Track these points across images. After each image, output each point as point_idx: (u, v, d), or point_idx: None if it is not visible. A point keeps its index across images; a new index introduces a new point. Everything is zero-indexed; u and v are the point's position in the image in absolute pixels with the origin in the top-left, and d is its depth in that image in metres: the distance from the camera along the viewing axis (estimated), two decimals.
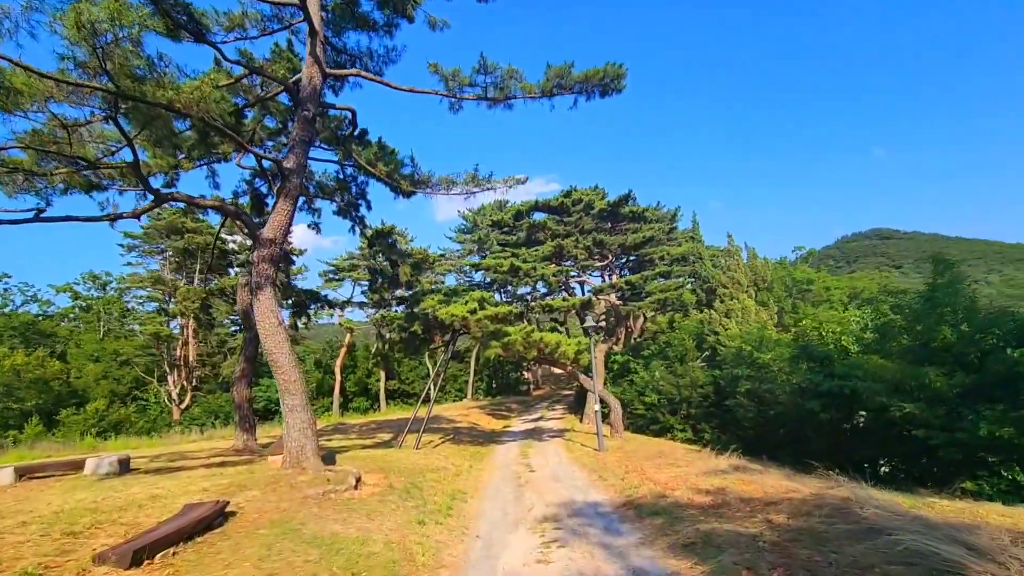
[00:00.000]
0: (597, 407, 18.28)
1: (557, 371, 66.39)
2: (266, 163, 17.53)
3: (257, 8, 13.58)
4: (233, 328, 42.29)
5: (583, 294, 32.72)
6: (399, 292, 30.43)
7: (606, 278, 29.84)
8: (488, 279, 28.97)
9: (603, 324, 30.18)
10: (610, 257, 29.39)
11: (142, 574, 6.09)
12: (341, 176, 18.32)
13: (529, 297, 46.36)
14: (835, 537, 6.46)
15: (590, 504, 10.36)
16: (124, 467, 13.21)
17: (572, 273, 30.63)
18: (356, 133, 15.20)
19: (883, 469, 16.24)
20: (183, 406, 35.97)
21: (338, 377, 42.42)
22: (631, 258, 33.48)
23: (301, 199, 19.29)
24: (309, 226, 20.03)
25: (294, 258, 38.07)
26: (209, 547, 6.96)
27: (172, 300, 34.33)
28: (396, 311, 25.75)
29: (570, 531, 8.70)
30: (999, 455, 11.04)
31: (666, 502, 9.41)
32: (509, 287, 34.30)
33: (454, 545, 8.32)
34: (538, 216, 30.77)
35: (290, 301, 22.47)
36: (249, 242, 23.43)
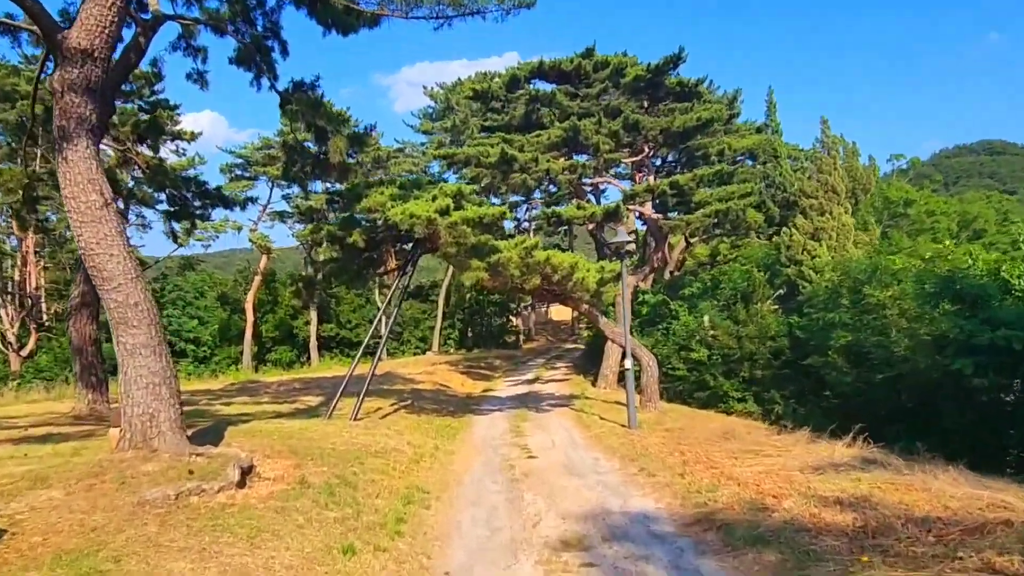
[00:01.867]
0: (629, 364, 16.44)
1: (557, 318, 65.46)
2: None
3: None
4: None
5: (599, 203, 30.43)
6: (332, 185, 27.76)
7: (638, 180, 27.33)
8: (467, 179, 26.35)
9: (632, 246, 28.07)
10: (646, 150, 26.82)
11: None
12: None
13: (525, 210, 43.99)
14: None
15: (636, 517, 8.52)
16: None
17: (587, 176, 28.11)
18: None
19: None
20: (25, 352, 33.58)
21: (250, 317, 41.24)
22: (672, 155, 31.05)
23: (175, 32, 16.17)
24: (189, 77, 16.91)
25: (184, 144, 34.96)
26: None
27: None
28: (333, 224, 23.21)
29: (612, 570, 6.62)
30: None
31: (773, 520, 7.44)
32: (498, 197, 31.73)
33: None
34: (542, 86, 27.88)
35: (163, 195, 19.73)
36: None
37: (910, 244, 33.41)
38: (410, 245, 17.99)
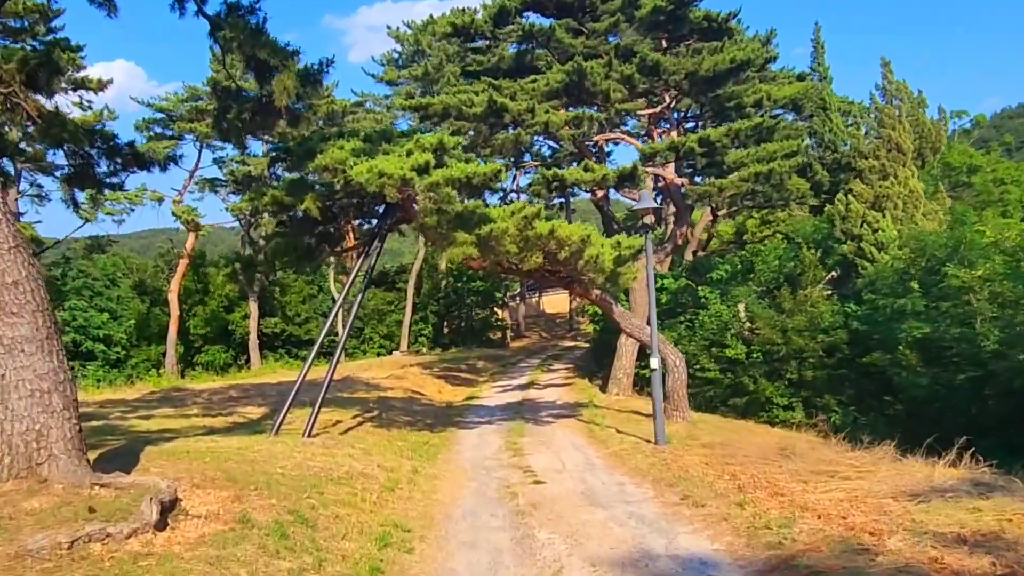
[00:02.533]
0: (655, 363, 16.02)
1: (551, 310, 65.07)
2: None
3: None
4: None
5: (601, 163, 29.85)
6: (275, 145, 26.62)
7: (656, 137, 26.70)
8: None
9: (650, 218, 27.53)
10: (666, 99, 26.20)
11: None
12: None
13: (513, 178, 43.19)
14: None
15: (690, 562, 7.95)
16: None
17: (592, 132, 27.48)
18: None
19: None
20: None
21: (175, 310, 40.77)
22: (695, 107, 30.47)
23: None
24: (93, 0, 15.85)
25: (90, 97, 34.06)
26: None
27: None
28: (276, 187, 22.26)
29: None
30: None
31: (880, 567, 6.88)
32: (480, 160, 31.08)
33: None
34: (537, 20, 27.30)
35: (62, 155, 18.67)
36: None
37: (975, 218, 33.31)
38: (377, 217, 17.45)
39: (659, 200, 30.07)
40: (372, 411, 20.30)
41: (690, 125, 31.34)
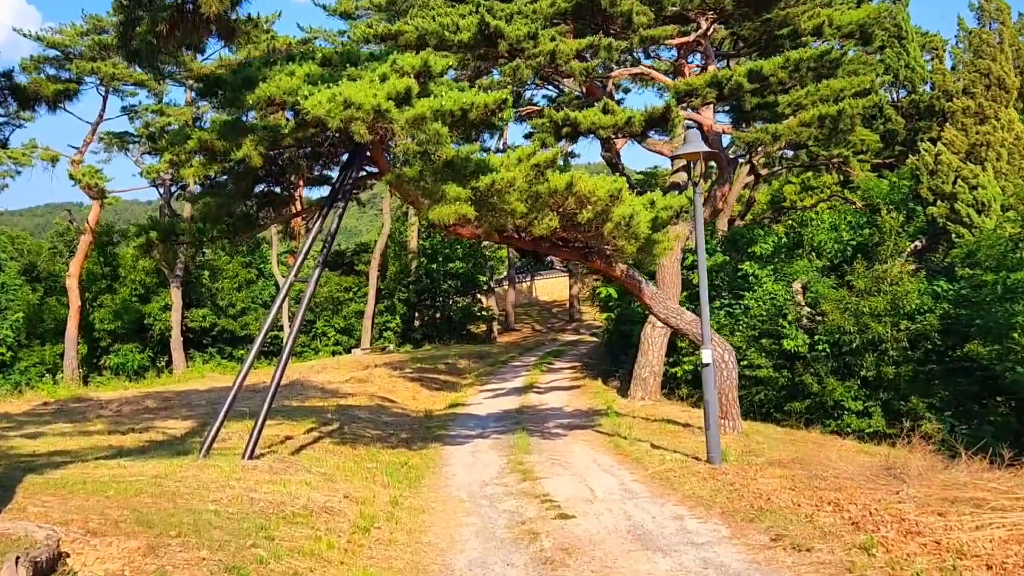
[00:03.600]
0: (708, 357, 15.11)
1: (546, 297, 64.61)
2: None
3: None
4: None
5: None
6: (200, 88, 25.25)
7: (687, 72, 25.68)
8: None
9: (681, 176, 26.69)
10: (702, 24, 25.13)
11: None
12: None
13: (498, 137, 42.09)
14: None
15: None
16: None
17: (608, 65, 26.45)
18: None
19: None
20: None
21: (75, 300, 40.13)
22: (731, 39, 29.59)
23: None
24: None
25: None
26: None
27: None
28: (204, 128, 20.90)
29: None
30: None
31: None
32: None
33: None
34: None
35: None
36: None
37: None
38: (338, 172, 16.58)
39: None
40: (331, 423, 19.78)
41: (721, 64, 30.48)
